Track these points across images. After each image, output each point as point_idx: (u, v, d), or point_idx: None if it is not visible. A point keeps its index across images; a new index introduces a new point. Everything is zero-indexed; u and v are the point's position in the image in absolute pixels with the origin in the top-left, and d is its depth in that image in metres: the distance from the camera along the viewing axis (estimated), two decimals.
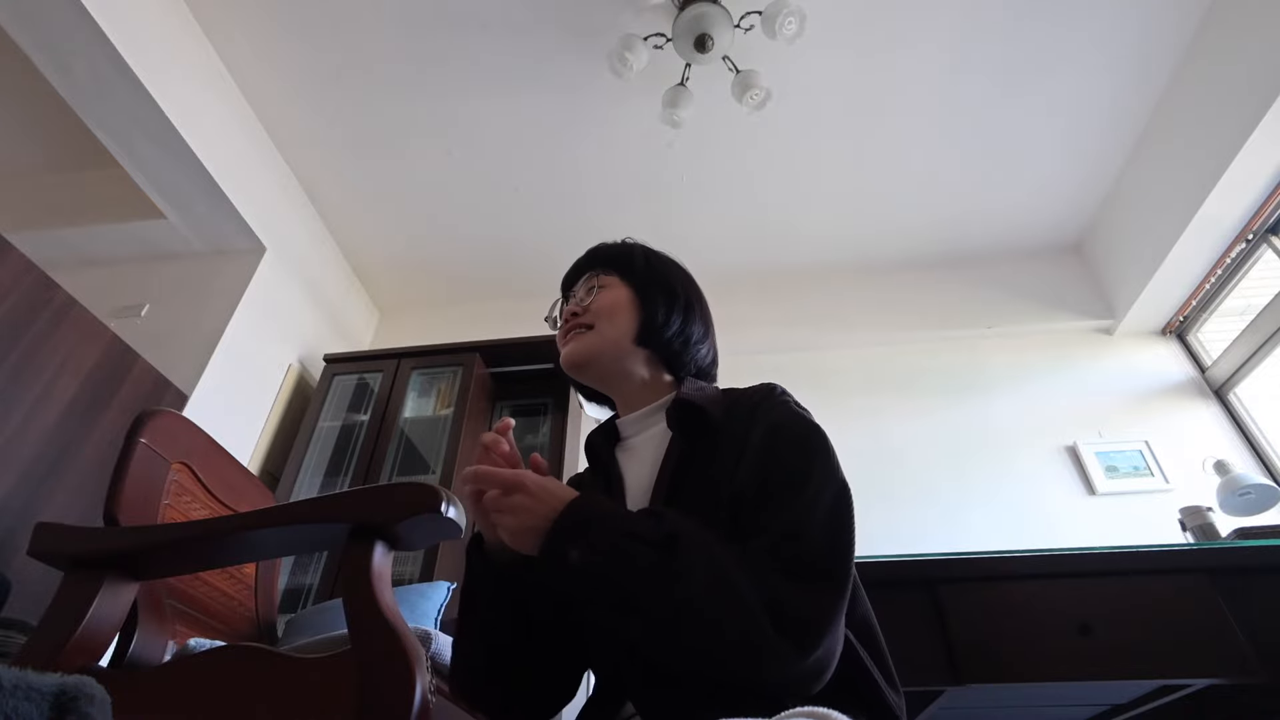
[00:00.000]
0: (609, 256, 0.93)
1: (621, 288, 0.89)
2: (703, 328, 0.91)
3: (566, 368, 0.88)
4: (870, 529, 2.74)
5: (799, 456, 0.70)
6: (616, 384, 0.89)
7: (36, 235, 2.77)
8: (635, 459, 0.83)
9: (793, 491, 0.66)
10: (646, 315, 0.87)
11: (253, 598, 1.33)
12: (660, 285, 0.90)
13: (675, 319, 0.88)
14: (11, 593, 1.51)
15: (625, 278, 0.90)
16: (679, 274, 0.94)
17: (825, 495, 0.67)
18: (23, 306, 1.78)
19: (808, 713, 0.44)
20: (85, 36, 2.10)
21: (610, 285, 0.89)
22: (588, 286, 0.91)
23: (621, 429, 0.88)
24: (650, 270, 0.91)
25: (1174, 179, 2.68)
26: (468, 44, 2.52)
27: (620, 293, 0.89)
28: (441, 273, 3.53)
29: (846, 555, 0.63)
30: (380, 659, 0.75)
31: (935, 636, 1.16)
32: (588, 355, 0.86)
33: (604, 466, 0.84)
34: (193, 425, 1.23)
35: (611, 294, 0.88)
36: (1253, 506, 2.17)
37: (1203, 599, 1.13)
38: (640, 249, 0.94)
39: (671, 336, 0.87)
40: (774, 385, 0.80)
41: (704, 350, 0.91)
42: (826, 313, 3.33)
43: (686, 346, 0.88)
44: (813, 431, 0.73)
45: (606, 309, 0.87)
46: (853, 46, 2.52)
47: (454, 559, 2.34)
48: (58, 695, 0.43)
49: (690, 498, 0.71)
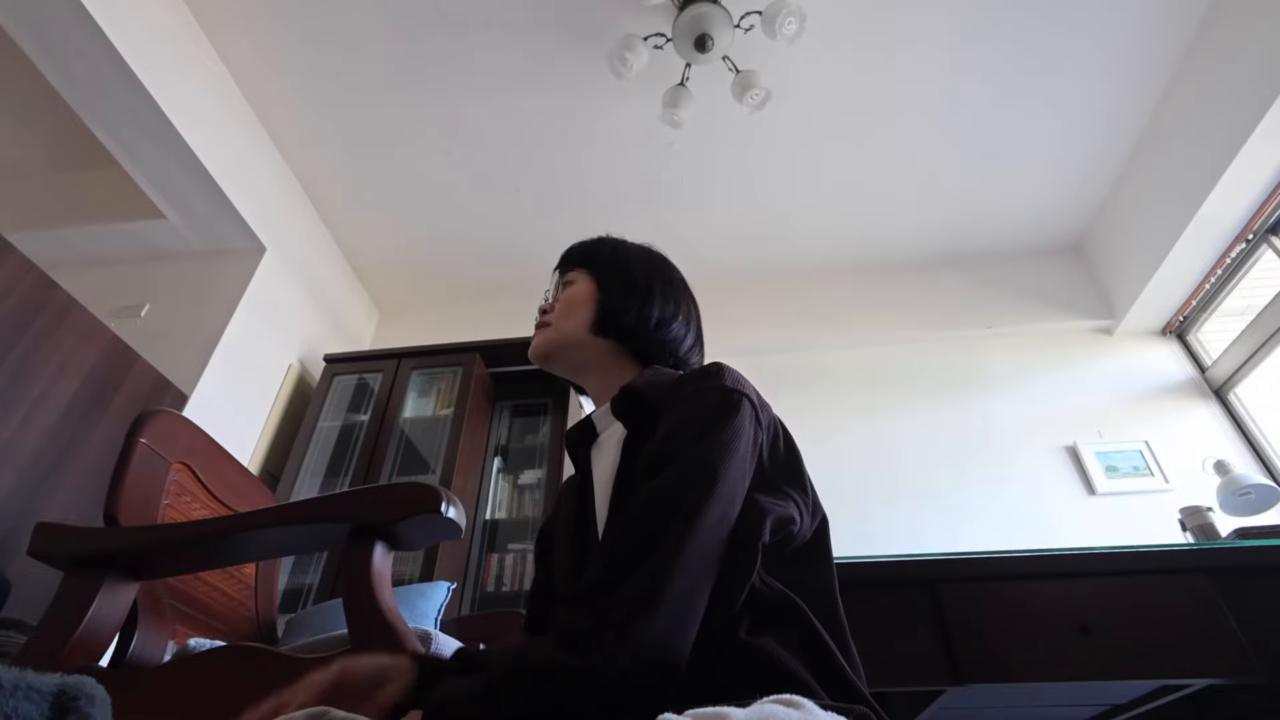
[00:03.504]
0: (579, 254, 0.94)
1: (586, 281, 0.90)
2: (671, 309, 0.88)
3: (534, 363, 0.90)
4: (870, 529, 2.75)
5: (658, 457, 0.66)
6: (585, 377, 0.89)
7: (36, 235, 2.77)
8: (604, 455, 0.81)
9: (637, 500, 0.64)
10: (603, 304, 0.87)
11: (253, 598, 1.33)
12: (618, 272, 0.89)
13: (632, 304, 0.86)
14: (11, 593, 1.52)
15: (590, 271, 0.91)
16: (643, 259, 0.92)
17: (639, 503, 0.63)
18: (23, 307, 1.78)
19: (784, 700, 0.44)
20: (85, 36, 2.10)
21: (576, 280, 0.90)
22: (556, 285, 0.93)
23: (596, 424, 0.86)
24: (612, 260, 0.91)
25: (1174, 179, 2.68)
26: (468, 44, 2.52)
27: (582, 286, 0.89)
28: (441, 273, 3.53)
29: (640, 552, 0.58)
30: None
31: (935, 636, 1.15)
32: (544, 350, 0.88)
33: (581, 468, 0.84)
34: (193, 425, 1.23)
35: (575, 289, 0.89)
36: (1253, 506, 2.17)
37: (1203, 599, 1.13)
38: (610, 242, 0.94)
39: (630, 323, 0.85)
40: (710, 367, 0.74)
41: (677, 332, 0.88)
42: (826, 313, 3.34)
43: (647, 331, 0.86)
44: (706, 416, 0.68)
45: (566, 304, 0.88)
46: (853, 46, 2.52)
47: (454, 559, 2.34)
48: (58, 695, 0.43)
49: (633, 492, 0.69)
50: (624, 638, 0.53)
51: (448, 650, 1.04)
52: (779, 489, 0.71)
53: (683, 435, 0.66)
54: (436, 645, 1.02)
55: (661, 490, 0.62)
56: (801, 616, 0.63)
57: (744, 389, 0.70)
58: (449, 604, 1.74)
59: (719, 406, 0.68)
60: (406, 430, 2.74)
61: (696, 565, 0.58)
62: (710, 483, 0.62)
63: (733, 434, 0.66)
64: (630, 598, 0.56)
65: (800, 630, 0.62)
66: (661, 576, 0.56)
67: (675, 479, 0.62)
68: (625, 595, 0.56)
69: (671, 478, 0.62)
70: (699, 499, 0.61)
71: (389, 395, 2.77)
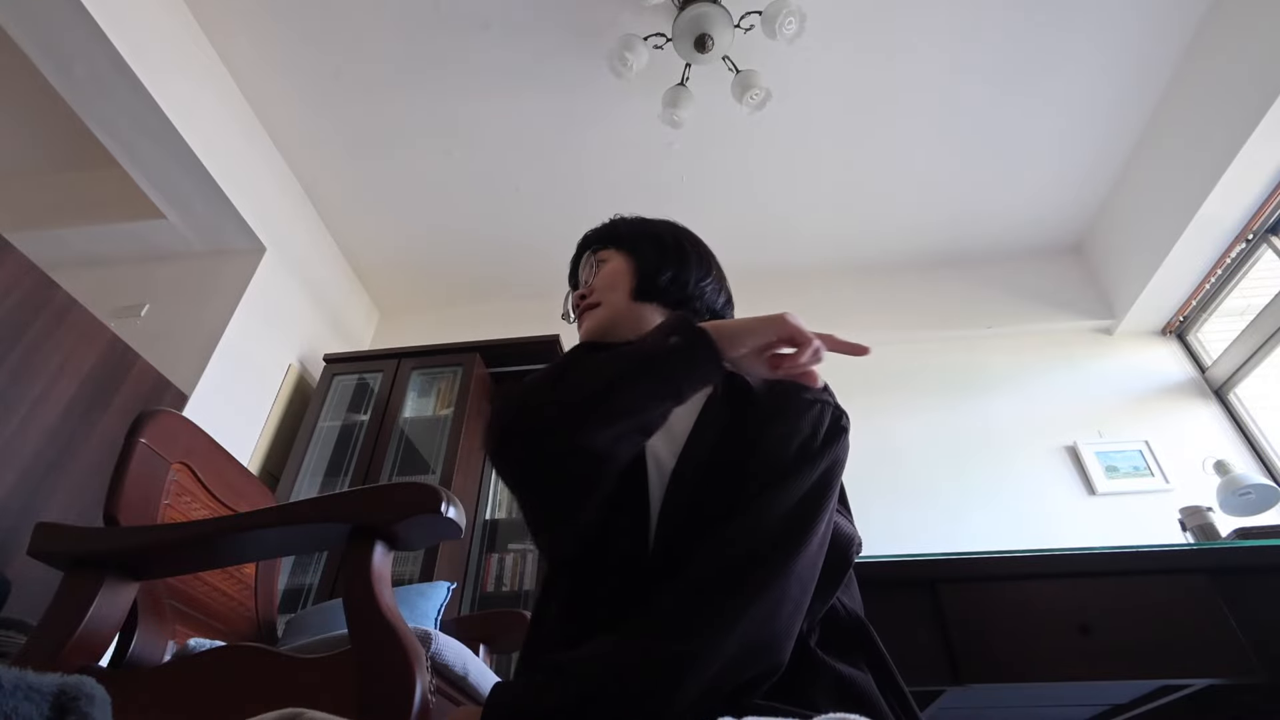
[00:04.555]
0: (600, 236, 0.97)
1: (617, 257, 0.92)
2: (701, 270, 0.92)
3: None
4: (870, 529, 2.74)
5: (775, 463, 0.68)
6: None
7: (36, 235, 2.77)
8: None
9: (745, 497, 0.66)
10: (640, 271, 0.89)
11: (253, 598, 1.33)
12: (648, 240, 0.92)
13: (668, 267, 0.89)
14: (11, 593, 1.52)
15: (618, 247, 0.93)
16: (666, 227, 0.97)
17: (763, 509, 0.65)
18: (23, 307, 1.78)
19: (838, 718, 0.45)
20: (85, 36, 2.10)
21: (608, 259, 0.93)
22: (589, 267, 0.94)
23: None
24: (634, 229, 0.95)
25: (1174, 179, 2.68)
26: (468, 44, 2.52)
27: (616, 262, 0.91)
28: (441, 273, 3.53)
29: (758, 559, 0.61)
30: (380, 659, 0.75)
31: (935, 636, 1.16)
32: (601, 328, 0.88)
33: None
34: (193, 425, 1.23)
35: (610, 266, 0.91)
36: (1253, 506, 2.17)
37: (1203, 599, 1.13)
38: (625, 219, 0.98)
39: (667, 282, 0.89)
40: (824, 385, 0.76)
41: (710, 287, 0.92)
42: (826, 313, 3.33)
43: (686, 287, 0.89)
44: (824, 433, 0.70)
45: (607, 281, 0.90)
46: (853, 47, 2.52)
47: (454, 559, 2.34)
48: (58, 695, 0.43)
49: (717, 474, 0.70)
50: (736, 635, 0.55)
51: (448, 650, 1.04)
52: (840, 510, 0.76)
53: (803, 450, 0.68)
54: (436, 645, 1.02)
55: (782, 504, 0.64)
56: (869, 637, 0.67)
57: (845, 410, 0.75)
58: (449, 604, 1.74)
59: (833, 426, 0.71)
60: (406, 430, 2.74)
61: (806, 577, 0.62)
62: (823, 504, 0.65)
63: (840, 455, 0.70)
64: (745, 603, 0.57)
65: (867, 651, 0.66)
66: (778, 587, 0.59)
67: (794, 495, 0.65)
68: (742, 601, 0.57)
69: (792, 493, 0.65)
70: (814, 517, 0.64)
71: (389, 395, 2.77)
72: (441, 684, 1.03)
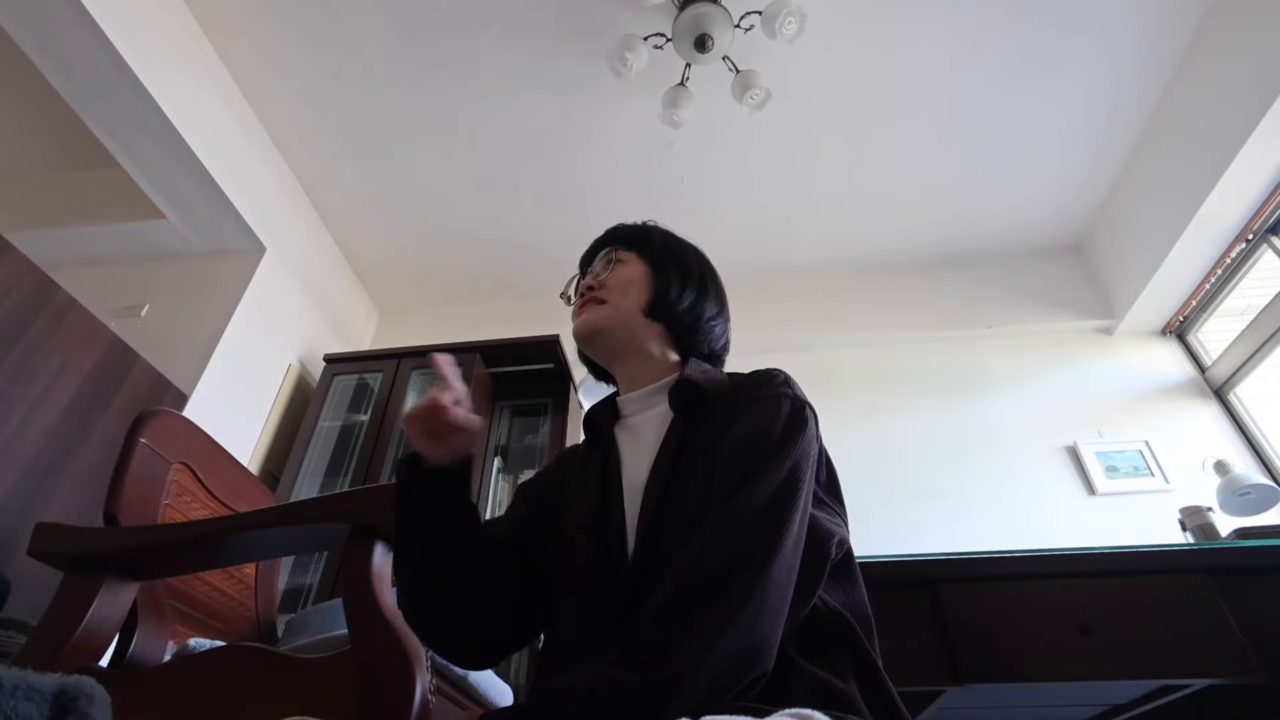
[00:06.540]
0: (628, 235, 0.95)
1: (638, 264, 0.90)
2: (716, 307, 0.92)
3: (577, 338, 0.89)
4: (870, 529, 2.75)
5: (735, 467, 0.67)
6: (624, 358, 0.88)
7: (36, 235, 2.77)
8: (634, 439, 0.81)
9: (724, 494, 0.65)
10: (659, 289, 0.88)
11: (253, 598, 1.33)
12: (675, 261, 0.91)
13: (688, 294, 0.88)
14: (11, 593, 1.51)
15: (642, 254, 0.91)
16: (695, 254, 0.95)
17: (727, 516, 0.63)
18: (23, 307, 1.78)
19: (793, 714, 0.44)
20: (85, 36, 2.10)
21: (627, 261, 0.90)
22: (605, 261, 0.92)
23: (622, 407, 0.86)
24: (667, 247, 0.93)
25: (1174, 179, 2.68)
26: (468, 44, 2.52)
27: (636, 268, 0.89)
28: (441, 273, 3.53)
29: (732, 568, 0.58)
30: (380, 659, 0.75)
31: (935, 636, 1.15)
32: (598, 326, 0.86)
33: (603, 444, 0.83)
34: (193, 425, 1.23)
35: (628, 269, 0.89)
36: (1253, 506, 2.17)
37: (1203, 599, 1.13)
38: (659, 230, 0.96)
39: (683, 311, 0.87)
40: (775, 373, 0.77)
41: (717, 330, 0.92)
42: (826, 313, 3.33)
43: (698, 324, 0.88)
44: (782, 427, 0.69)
45: (621, 283, 0.88)
46: (853, 47, 2.52)
47: None
48: (58, 695, 0.43)
49: (685, 481, 0.70)
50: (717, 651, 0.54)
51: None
52: (826, 504, 0.74)
53: (762, 448, 0.66)
54: None
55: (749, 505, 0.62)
56: (854, 637, 0.64)
57: (808, 400, 0.73)
58: None
59: (793, 418, 0.69)
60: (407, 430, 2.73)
61: (784, 580, 0.60)
62: (794, 500, 0.63)
63: (806, 448, 0.68)
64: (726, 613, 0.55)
65: (851, 651, 0.64)
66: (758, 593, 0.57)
67: (762, 495, 0.63)
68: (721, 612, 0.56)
69: (758, 493, 0.63)
70: (785, 515, 0.62)
71: (389, 395, 2.77)
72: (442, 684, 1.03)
